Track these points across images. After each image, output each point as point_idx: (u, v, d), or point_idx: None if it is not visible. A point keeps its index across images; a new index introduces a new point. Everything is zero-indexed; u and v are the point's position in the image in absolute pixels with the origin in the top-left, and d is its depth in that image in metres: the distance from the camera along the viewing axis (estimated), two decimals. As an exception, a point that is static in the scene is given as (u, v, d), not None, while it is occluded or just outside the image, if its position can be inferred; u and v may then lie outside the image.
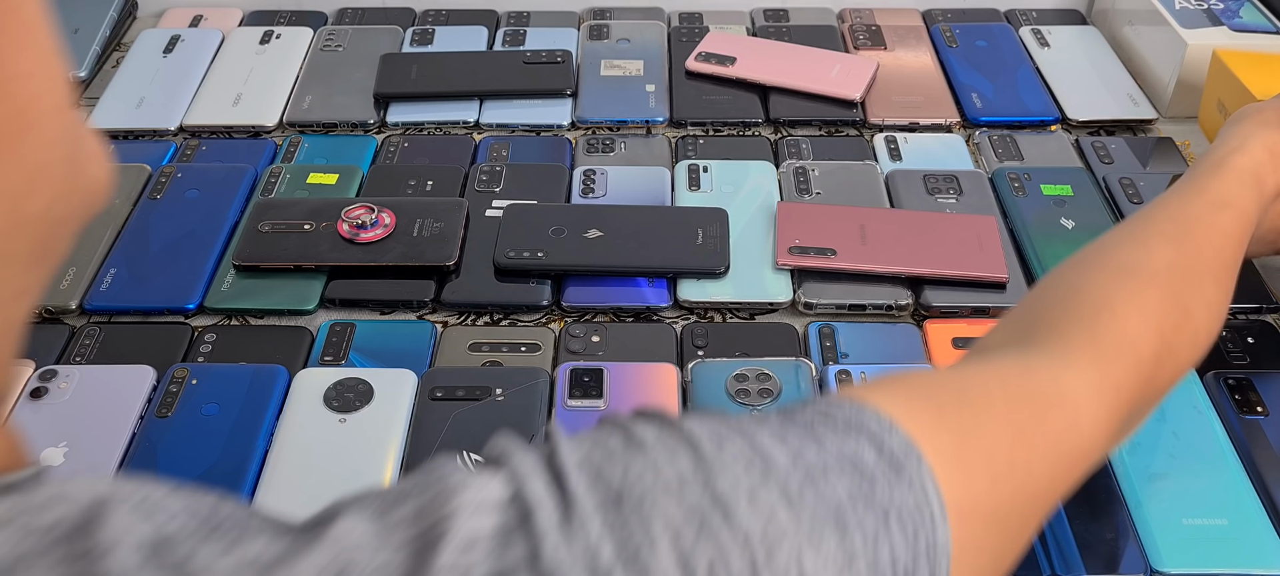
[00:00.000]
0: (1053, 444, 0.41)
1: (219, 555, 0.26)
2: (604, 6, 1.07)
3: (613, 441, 0.32)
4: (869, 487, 0.33)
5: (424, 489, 0.29)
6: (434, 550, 0.27)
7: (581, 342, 0.69)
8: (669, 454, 0.31)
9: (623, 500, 0.29)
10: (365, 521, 0.28)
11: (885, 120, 0.91)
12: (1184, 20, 0.93)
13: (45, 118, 0.28)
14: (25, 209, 0.28)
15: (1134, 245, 0.53)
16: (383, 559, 0.27)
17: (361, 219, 0.75)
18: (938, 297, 0.72)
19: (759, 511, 0.30)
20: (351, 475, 0.60)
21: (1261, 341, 0.69)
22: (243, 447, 0.61)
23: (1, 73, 0.27)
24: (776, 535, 0.30)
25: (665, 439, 0.32)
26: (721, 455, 0.31)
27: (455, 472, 0.29)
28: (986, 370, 0.43)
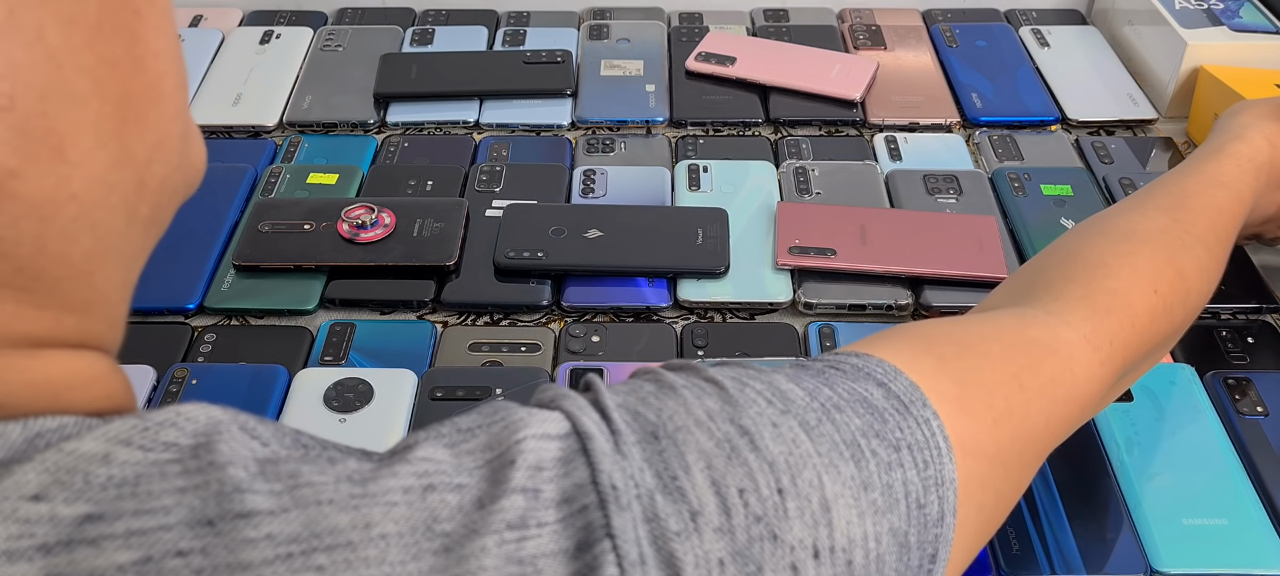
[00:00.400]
0: (1049, 388, 0.43)
1: (318, 471, 0.29)
2: (604, 6, 1.07)
3: (646, 387, 0.35)
4: (880, 422, 0.35)
5: (491, 423, 0.32)
6: (508, 470, 0.30)
7: (581, 342, 0.69)
8: (697, 393, 0.34)
9: (659, 434, 0.32)
10: (442, 448, 0.31)
11: (885, 120, 0.91)
12: (1184, 20, 0.93)
13: (170, 94, 0.31)
14: (150, 174, 0.31)
15: (1130, 212, 0.55)
16: (462, 478, 0.30)
17: (361, 219, 0.75)
18: (938, 298, 0.72)
19: (782, 439, 0.33)
20: (351, 475, 0.60)
21: (1261, 341, 0.69)
22: (243, 447, 0.61)
23: (141, 49, 0.30)
24: (799, 460, 0.32)
25: (693, 381, 0.35)
26: (744, 392, 0.34)
27: (518, 410, 0.32)
28: (985, 323, 0.46)
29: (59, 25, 0.27)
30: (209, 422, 0.29)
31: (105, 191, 0.29)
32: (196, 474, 0.27)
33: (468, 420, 0.32)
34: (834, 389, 0.36)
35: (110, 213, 0.30)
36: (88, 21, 0.28)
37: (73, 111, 0.27)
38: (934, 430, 0.36)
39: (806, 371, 0.37)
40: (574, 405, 0.32)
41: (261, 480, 0.28)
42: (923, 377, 0.38)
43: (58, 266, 0.29)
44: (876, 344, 0.40)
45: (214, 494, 0.27)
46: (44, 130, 0.27)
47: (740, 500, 0.31)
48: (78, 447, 0.27)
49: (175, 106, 0.32)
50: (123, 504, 0.26)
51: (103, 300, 0.31)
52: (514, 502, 0.29)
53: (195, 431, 0.28)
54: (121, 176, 0.30)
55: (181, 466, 0.27)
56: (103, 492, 0.26)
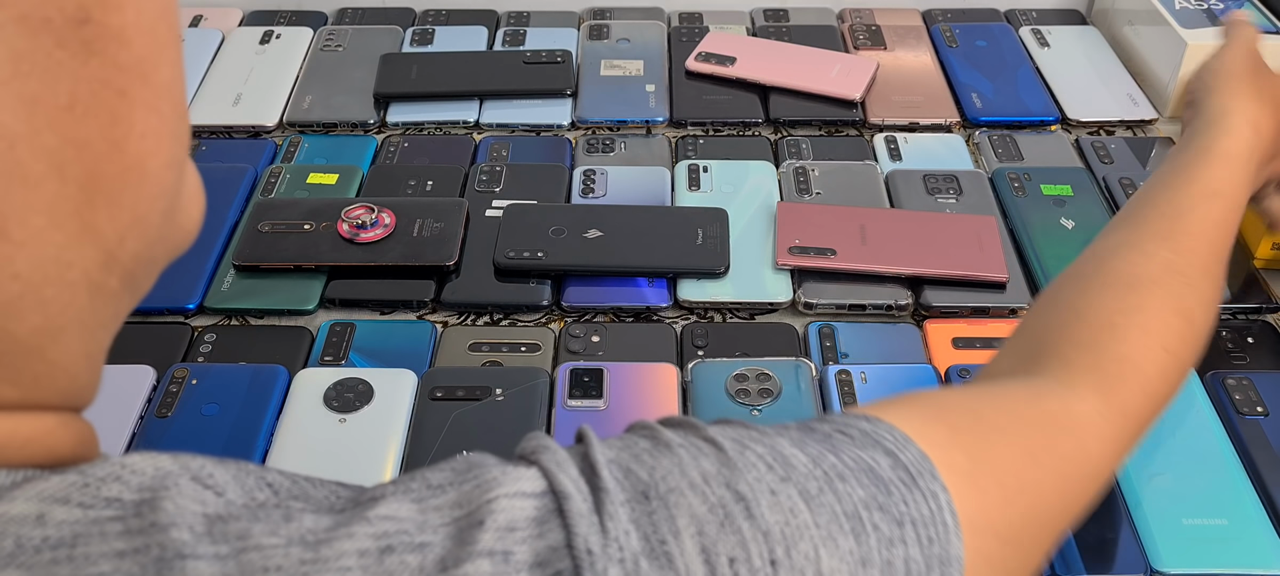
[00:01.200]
0: (1063, 466, 0.41)
1: (270, 531, 0.27)
2: (604, 6, 1.07)
3: (641, 443, 0.33)
4: (885, 495, 0.33)
5: (463, 480, 0.30)
6: (476, 531, 0.28)
7: (581, 342, 0.69)
8: (694, 454, 0.32)
9: (649, 494, 0.31)
10: (408, 504, 0.29)
11: (885, 120, 0.91)
12: (1184, 20, 0.93)
13: (155, 174, 0.30)
14: (121, 250, 0.29)
15: (1130, 251, 0.53)
16: (426, 536, 0.28)
17: (361, 219, 0.75)
18: (938, 297, 0.72)
19: (779, 508, 0.31)
20: (352, 475, 0.59)
21: (1261, 341, 0.69)
22: (243, 448, 0.61)
23: (121, 131, 0.28)
24: (795, 531, 0.31)
25: (691, 440, 0.33)
26: (744, 456, 0.32)
27: (493, 466, 0.31)
28: (998, 394, 0.44)
29: (17, 105, 0.25)
30: (156, 475, 0.27)
31: (59, 269, 0.28)
32: (138, 535, 0.26)
33: (439, 475, 0.31)
34: (839, 456, 0.34)
35: (66, 289, 0.28)
36: (55, 103, 0.26)
37: (22, 192, 0.26)
38: (941, 504, 0.35)
39: (812, 435, 0.35)
40: (553, 461, 0.31)
41: (207, 542, 0.26)
42: (934, 448, 0.36)
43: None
44: (889, 408, 0.39)
45: (154, 560, 0.25)
46: None
47: (730, 570, 0.29)
48: (9, 510, 0.26)
49: (160, 186, 0.30)
50: (57, 569, 0.25)
51: (58, 372, 0.30)
52: (479, 567, 0.27)
53: (140, 485, 0.27)
54: (81, 254, 0.28)
55: (123, 525, 0.26)
56: (36, 557, 0.25)
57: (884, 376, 0.66)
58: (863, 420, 0.37)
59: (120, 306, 0.31)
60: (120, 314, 0.32)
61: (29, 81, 0.25)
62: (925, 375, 0.66)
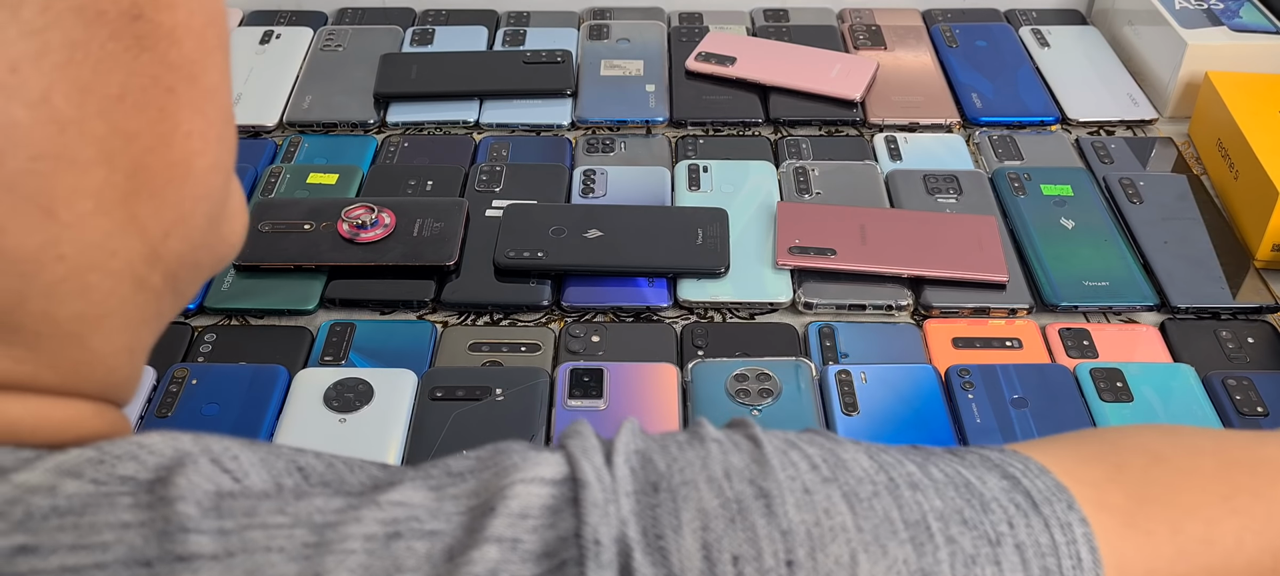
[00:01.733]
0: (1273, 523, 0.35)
1: (277, 511, 0.27)
2: (604, 6, 1.07)
3: (680, 436, 0.32)
4: (978, 512, 0.31)
5: (484, 467, 0.30)
6: (488, 516, 0.27)
7: (581, 342, 0.69)
8: (726, 449, 0.31)
9: (660, 486, 0.29)
10: (423, 491, 0.29)
11: (885, 120, 0.91)
12: (1184, 20, 0.93)
13: (200, 175, 0.30)
14: (165, 248, 0.30)
15: None
16: (438, 524, 0.27)
17: (361, 219, 0.75)
18: (938, 298, 0.72)
19: (811, 508, 0.29)
20: (351, 475, 0.60)
21: (1261, 341, 0.69)
22: (243, 447, 0.61)
23: (169, 127, 0.29)
24: (826, 533, 0.29)
25: (731, 436, 0.32)
26: (785, 455, 0.31)
27: (516, 453, 0.30)
28: (1200, 434, 0.39)
29: (71, 90, 0.26)
30: (175, 455, 0.28)
31: (104, 256, 0.28)
32: (146, 508, 0.26)
33: (462, 463, 0.30)
34: (925, 470, 0.32)
35: (109, 277, 0.29)
36: (106, 92, 0.27)
37: (71, 175, 0.27)
38: (1075, 537, 0.31)
39: (903, 450, 0.33)
40: (580, 448, 0.30)
41: (212, 517, 0.26)
42: (1083, 486, 0.33)
43: (39, 323, 0.28)
44: (1042, 445, 0.35)
45: (157, 533, 0.26)
46: (33, 188, 0.26)
47: (733, 568, 0.28)
48: (26, 479, 0.26)
49: (206, 187, 0.31)
50: (61, 536, 0.25)
51: (98, 362, 0.30)
52: (486, 553, 0.27)
53: (157, 465, 0.27)
54: (126, 244, 0.29)
55: (133, 499, 0.26)
56: (42, 523, 0.25)
57: (884, 376, 0.66)
58: (994, 451, 0.34)
59: (163, 306, 0.32)
60: (163, 314, 0.32)
61: (82, 69, 0.26)
62: (925, 375, 0.66)
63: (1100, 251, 0.76)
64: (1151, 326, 0.71)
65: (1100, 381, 0.65)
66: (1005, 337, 0.69)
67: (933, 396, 0.65)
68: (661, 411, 0.63)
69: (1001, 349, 0.69)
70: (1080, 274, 0.73)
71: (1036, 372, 0.66)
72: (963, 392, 0.64)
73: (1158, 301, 0.72)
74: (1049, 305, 0.72)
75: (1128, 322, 0.72)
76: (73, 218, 0.27)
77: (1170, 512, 0.34)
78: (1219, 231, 0.77)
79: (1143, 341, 0.70)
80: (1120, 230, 0.78)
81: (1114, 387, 0.64)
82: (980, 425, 0.62)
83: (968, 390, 0.64)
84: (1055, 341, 0.69)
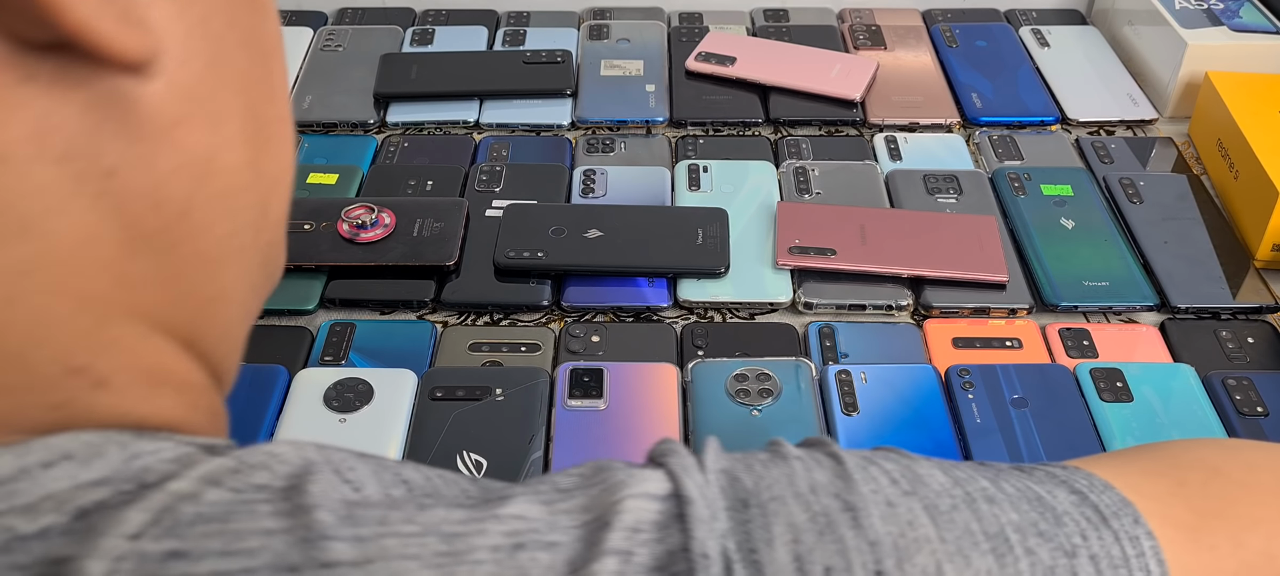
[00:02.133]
0: None
1: (406, 520, 0.28)
2: (604, 6, 1.07)
3: (761, 454, 0.33)
4: (1052, 525, 0.31)
5: (591, 484, 0.31)
6: (604, 531, 0.28)
7: (581, 343, 0.69)
8: (809, 465, 0.32)
9: (749, 502, 0.30)
10: (536, 505, 0.29)
11: (885, 120, 0.91)
12: (1184, 20, 0.93)
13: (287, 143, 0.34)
14: (270, 204, 0.33)
15: None
16: (556, 536, 0.28)
17: (361, 219, 0.75)
18: (938, 298, 0.72)
19: (895, 520, 0.30)
20: (351, 475, 0.60)
21: (1261, 341, 0.69)
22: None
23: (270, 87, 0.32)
24: (912, 544, 0.29)
25: (813, 453, 0.33)
26: (866, 470, 0.32)
27: (620, 469, 0.31)
28: (1260, 450, 0.40)
29: (222, 18, 0.29)
30: (303, 463, 0.28)
31: (241, 188, 0.31)
32: (286, 515, 0.27)
33: (567, 479, 0.31)
34: (998, 485, 0.32)
35: (245, 210, 0.31)
36: (239, 34, 0.30)
37: (226, 93, 0.30)
38: (1144, 550, 0.31)
39: (976, 466, 0.33)
40: (680, 466, 0.31)
41: (348, 526, 0.27)
42: (1148, 500, 0.33)
43: (195, 239, 0.29)
44: (1104, 460, 0.36)
45: (300, 540, 0.26)
46: (205, 96, 0.29)
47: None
48: (178, 487, 0.27)
49: (292, 158, 0.34)
50: (209, 542, 0.26)
51: (222, 301, 0.32)
52: (606, 565, 0.28)
53: (288, 473, 0.28)
54: (254, 181, 0.31)
55: (272, 507, 0.27)
56: (190, 529, 0.26)
57: (884, 376, 0.66)
58: (1058, 467, 0.34)
59: (262, 278, 0.34)
60: (260, 289, 0.35)
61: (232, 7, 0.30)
62: (925, 375, 0.66)
63: (1100, 251, 0.76)
64: (1151, 326, 0.71)
65: (1100, 381, 0.65)
66: (1005, 337, 0.69)
67: (933, 396, 0.65)
68: (661, 411, 0.63)
69: (1001, 349, 0.69)
70: (1080, 274, 0.73)
71: (1036, 372, 0.66)
72: (963, 392, 0.64)
73: (1158, 301, 0.72)
74: (1049, 305, 0.72)
75: (1128, 322, 0.72)
76: (229, 135, 0.30)
77: (1232, 526, 0.35)
78: (1219, 231, 0.77)
79: (1143, 341, 0.70)
80: (1120, 230, 0.78)
81: (1114, 387, 0.64)
82: (980, 425, 0.62)
83: (968, 390, 0.64)
84: (1055, 341, 0.69)
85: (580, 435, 0.62)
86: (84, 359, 0.28)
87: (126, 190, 0.27)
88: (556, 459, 0.61)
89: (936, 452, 0.61)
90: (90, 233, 0.27)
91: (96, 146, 0.26)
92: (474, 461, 0.60)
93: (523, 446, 0.61)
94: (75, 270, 0.27)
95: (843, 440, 0.62)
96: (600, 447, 0.61)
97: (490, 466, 0.60)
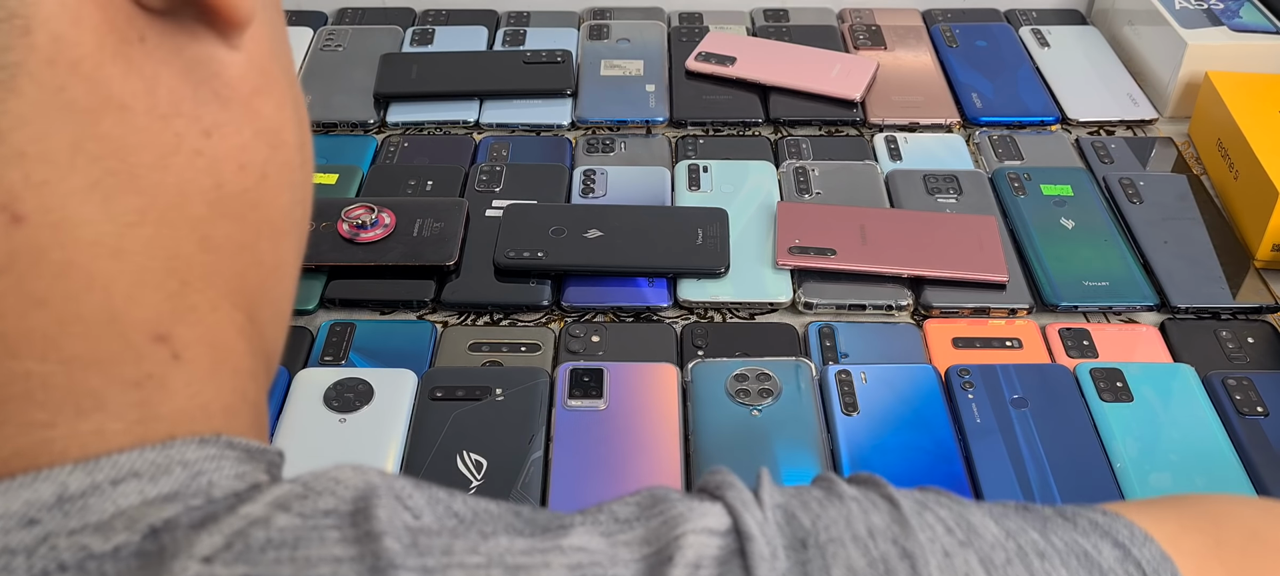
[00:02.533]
0: None
1: (470, 550, 0.28)
2: (604, 6, 1.07)
3: (815, 492, 0.32)
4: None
5: (650, 515, 0.30)
6: (667, 565, 0.28)
7: (581, 343, 0.69)
8: (866, 507, 0.31)
9: (808, 543, 0.30)
10: (597, 537, 0.29)
11: (885, 120, 0.91)
12: (1184, 20, 0.93)
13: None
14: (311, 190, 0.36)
15: None
16: (618, 570, 0.28)
17: (361, 219, 0.75)
18: (938, 298, 0.72)
19: (952, 571, 0.30)
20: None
21: (1261, 341, 0.69)
22: (243, 447, 0.61)
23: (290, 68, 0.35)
24: None
25: (868, 494, 0.32)
26: (922, 516, 0.31)
27: (678, 502, 0.31)
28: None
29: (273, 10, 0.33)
30: (366, 487, 0.28)
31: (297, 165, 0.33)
32: (354, 543, 0.27)
33: (625, 509, 0.31)
34: (1047, 537, 0.32)
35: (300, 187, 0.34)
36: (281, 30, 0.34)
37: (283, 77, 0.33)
38: None
39: (1022, 514, 0.33)
40: (739, 500, 0.31)
41: (414, 554, 0.27)
42: (1186, 557, 0.33)
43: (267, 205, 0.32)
44: (1142, 508, 0.36)
45: (369, 567, 0.26)
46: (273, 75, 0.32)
47: None
48: (250, 511, 0.27)
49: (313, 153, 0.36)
50: (280, 569, 0.26)
51: (282, 272, 0.34)
52: None
53: (353, 497, 0.28)
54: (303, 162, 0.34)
55: (340, 533, 0.27)
56: (262, 554, 0.26)
57: (884, 376, 0.66)
58: (1098, 513, 0.35)
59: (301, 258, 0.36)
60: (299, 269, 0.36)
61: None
62: (925, 375, 0.66)
63: (1100, 251, 0.76)
64: (1151, 326, 0.71)
65: (1100, 381, 0.65)
66: (1005, 337, 0.70)
67: (933, 396, 0.65)
68: (662, 411, 0.63)
69: (1001, 349, 0.69)
70: (1080, 274, 0.73)
71: (1036, 372, 0.66)
72: (963, 392, 0.64)
73: (1158, 301, 0.72)
74: (1049, 305, 0.72)
75: (1128, 322, 0.72)
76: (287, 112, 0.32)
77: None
78: (1219, 231, 0.77)
79: (1143, 341, 0.70)
80: (1120, 230, 0.78)
81: (1114, 387, 0.64)
82: (980, 425, 0.62)
83: (968, 390, 0.64)
84: (1055, 341, 0.69)
85: (580, 435, 0.62)
86: (168, 326, 0.29)
87: (219, 150, 0.29)
88: (556, 459, 0.61)
89: (936, 452, 0.61)
90: (186, 189, 0.29)
91: (196, 107, 0.29)
92: (474, 461, 0.60)
93: (523, 446, 0.61)
94: (171, 227, 0.28)
95: (843, 440, 0.62)
96: (600, 447, 0.61)
97: (490, 466, 0.60)
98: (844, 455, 0.61)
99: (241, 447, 0.29)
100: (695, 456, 0.61)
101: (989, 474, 0.60)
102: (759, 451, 0.61)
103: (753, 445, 0.61)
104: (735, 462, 0.60)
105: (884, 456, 0.61)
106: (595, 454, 0.61)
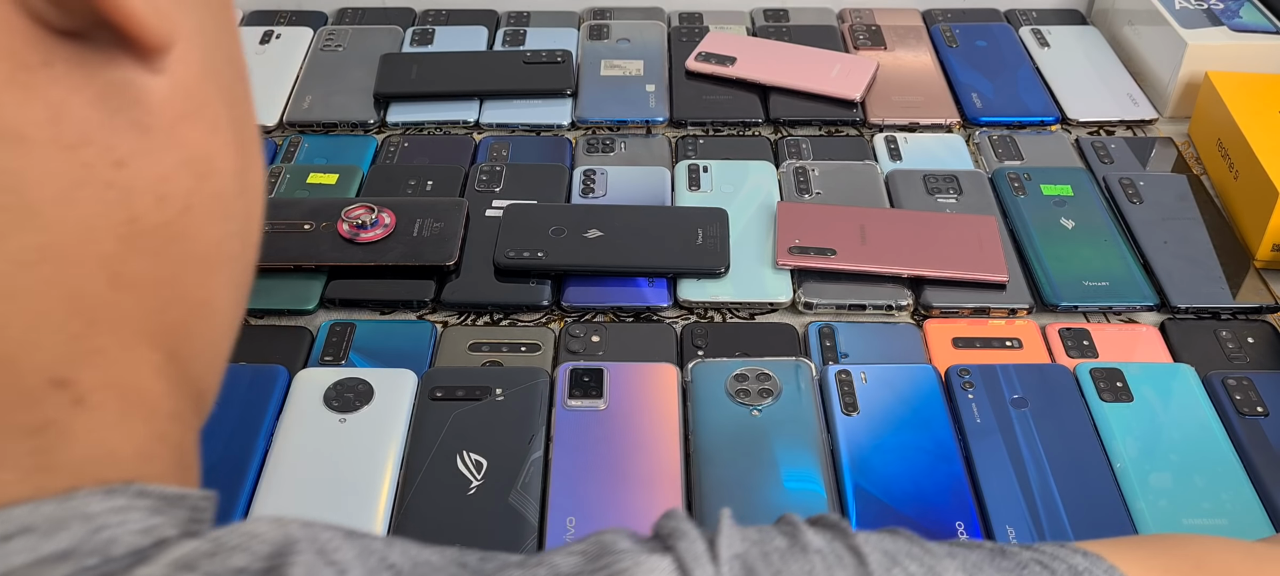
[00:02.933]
0: None
1: None
2: (604, 6, 1.07)
3: (778, 541, 0.31)
4: None
5: (595, 569, 0.29)
6: None
7: (581, 342, 0.69)
8: (830, 563, 0.30)
9: None
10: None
11: (885, 120, 0.91)
12: (1184, 20, 0.93)
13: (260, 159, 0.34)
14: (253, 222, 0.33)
15: None
16: None
17: (361, 219, 0.75)
18: (938, 298, 0.72)
19: None
20: (352, 475, 0.60)
21: (1261, 341, 0.69)
22: (243, 447, 0.61)
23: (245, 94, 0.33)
24: None
25: (833, 546, 0.31)
26: (890, 571, 0.30)
27: (626, 555, 0.29)
28: (1269, 553, 0.40)
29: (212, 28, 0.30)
30: (284, 541, 0.27)
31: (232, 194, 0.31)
32: None
33: (568, 561, 0.29)
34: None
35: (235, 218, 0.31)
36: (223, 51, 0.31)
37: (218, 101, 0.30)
38: None
39: (995, 560, 0.33)
40: (691, 554, 0.29)
41: None
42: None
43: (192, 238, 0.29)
44: (1122, 549, 0.35)
45: None
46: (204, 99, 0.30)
47: None
48: (148, 573, 0.25)
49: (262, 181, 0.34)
50: None
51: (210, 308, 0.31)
52: None
53: (269, 553, 0.26)
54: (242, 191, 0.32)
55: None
56: None
57: (884, 376, 0.66)
58: (1078, 555, 0.34)
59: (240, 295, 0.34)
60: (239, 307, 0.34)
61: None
62: (925, 375, 0.66)
63: (1100, 251, 0.76)
64: (1151, 326, 0.71)
65: (1100, 381, 0.65)
66: (1005, 337, 0.70)
67: (933, 396, 0.65)
68: (661, 411, 0.63)
69: (1001, 349, 0.69)
70: (1080, 274, 0.73)
71: (1036, 372, 0.66)
72: (963, 392, 0.64)
73: (1158, 301, 0.72)
74: (1049, 305, 0.72)
75: (1128, 322, 0.72)
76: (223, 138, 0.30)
77: None
78: (1219, 231, 0.77)
79: (1143, 341, 0.70)
80: (1120, 230, 0.78)
81: (1114, 387, 0.64)
82: (980, 425, 0.62)
83: (968, 390, 0.64)
84: (1055, 341, 0.69)
85: (580, 435, 0.62)
86: (69, 370, 0.26)
87: (133, 182, 0.27)
88: (556, 459, 0.61)
89: (936, 452, 0.61)
90: (94, 225, 0.26)
91: (108, 136, 0.26)
92: (474, 462, 0.60)
93: (523, 446, 0.61)
94: (75, 265, 0.26)
95: (843, 440, 0.62)
96: (600, 447, 0.61)
97: (490, 466, 0.60)
98: (844, 455, 0.61)
99: (155, 495, 0.27)
100: (695, 456, 0.61)
101: (989, 474, 0.60)
102: (759, 451, 0.61)
103: (753, 445, 0.61)
104: (735, 462, 0.60)
105: (884, 456, 0.61)
106: (595, 454, 0.61)
